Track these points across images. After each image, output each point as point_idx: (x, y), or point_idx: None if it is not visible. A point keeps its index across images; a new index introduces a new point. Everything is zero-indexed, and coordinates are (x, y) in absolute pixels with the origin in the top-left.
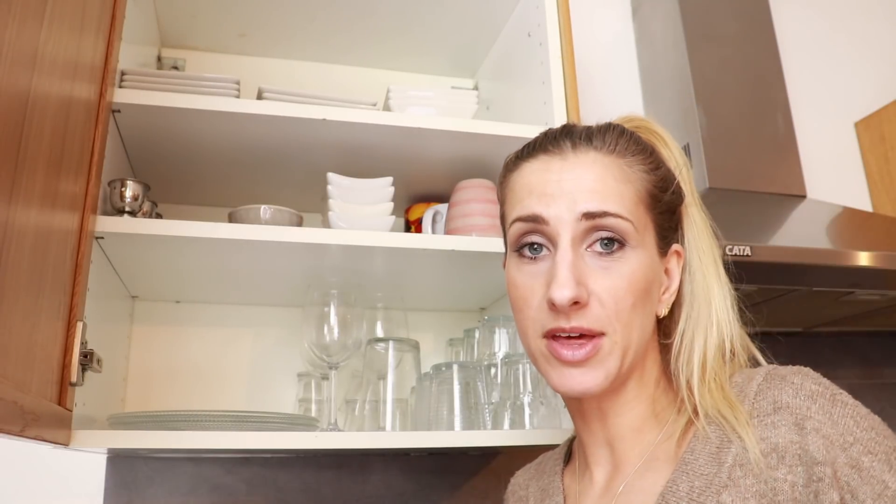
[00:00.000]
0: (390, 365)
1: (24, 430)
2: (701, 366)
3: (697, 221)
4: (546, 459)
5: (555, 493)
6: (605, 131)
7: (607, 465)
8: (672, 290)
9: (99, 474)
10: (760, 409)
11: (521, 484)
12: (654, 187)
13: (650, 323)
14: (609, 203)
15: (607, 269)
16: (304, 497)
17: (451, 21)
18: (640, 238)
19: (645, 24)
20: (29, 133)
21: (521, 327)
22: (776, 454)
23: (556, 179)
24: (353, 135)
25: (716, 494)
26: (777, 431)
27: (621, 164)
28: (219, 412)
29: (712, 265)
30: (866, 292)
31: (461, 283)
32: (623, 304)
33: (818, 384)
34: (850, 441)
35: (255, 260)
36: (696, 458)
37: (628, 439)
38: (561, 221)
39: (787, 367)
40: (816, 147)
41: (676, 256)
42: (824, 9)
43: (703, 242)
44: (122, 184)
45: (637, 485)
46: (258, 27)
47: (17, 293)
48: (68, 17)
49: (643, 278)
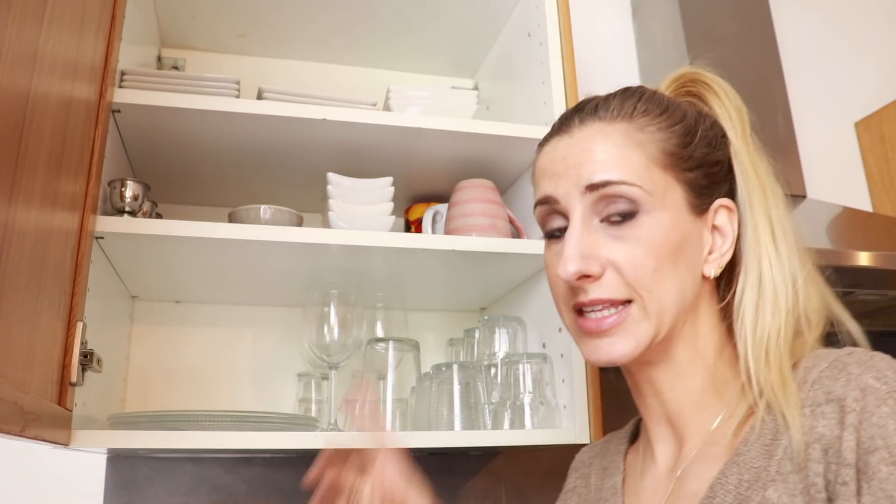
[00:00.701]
0: (390, 365)
1: (24, 430)
2: (755, 335)
3: (748, 171)
4: (612, 437)
5: (615, 472)
6: (614, 97)
7: (669, 443)
8: (723, 249)
9: (99, 474)
10: (814, 398)
11: (585, 461)
12: (671, 145)
13: (691, 286)
14: (612, 171)
15: (620, 237)
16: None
17: (451, 21)
18: (656, 200)
19: (645, 24)
20: (29, 133)
21: (557, 306)
22: (820, 446)
23: (563, 157)
24: (353, 135)
25: (762, 489)
26: (825, 423)
27: (629, 128)
28: (219, 412)
29: (764, 221)
30: (866, 292)
31: (461, 283)
32: (643, 271)
33: (879, 378)
34: (878, 446)
35: (255, 260)
36: (749, 449)
37: (687, 415)
38: (569, 198)
39: (861, 352)
40: (816, 147)
41: (727, 211)
42: (824, 9)
43: (753, 196)
44: (122, 184)
45: (694, 470)
46: (258, 27)
47: (17, 293)
48: (68, 17)
49: (665, 241)
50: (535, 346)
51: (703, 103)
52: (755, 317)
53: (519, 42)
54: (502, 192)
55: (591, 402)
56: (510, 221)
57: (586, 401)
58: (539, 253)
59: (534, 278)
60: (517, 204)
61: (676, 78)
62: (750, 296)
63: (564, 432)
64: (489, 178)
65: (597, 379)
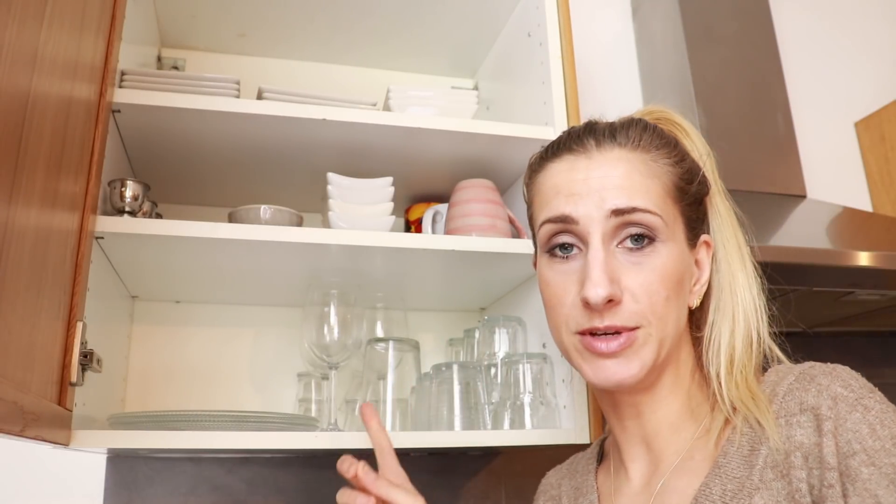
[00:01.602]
0: (390, 365)
1: (24, 430)
2: (728, 358)
3: (721, 211)
4: (578, 459)
5: (589, 492)
6: (629, 127)
7: (643, 463)
8: (703, 281)
9: (99, 474)
10: (787, 409)
11: (553, 483)
12: (679, 179)
13: (683, 315)
14: (637, 199)
15: (639, 264)
16: (304, 497)
17: (451, 21)
18: (669, 231)
19: (645, 24)
20: (29, 133)
21: (554, 324)
22: (800, 453)
23: (583, 178)
24: (353, 135)
25: (748, 497)
26: (802, 431)
27: (646, 158)
28: (219, 412)
29: (737, 254)
30: (866, 292)
31: (461, 283)
32: (656, 298)
33: (846, 387)
34: (856, 449)
35: (255, 260)
36: (729, 461)
37: (664, 436)
38: (590, 220)
39: (823, 365)
40: (816, 147)
41: (706, 247)
42: (824, 9)
43: (727, 232)
44: (122, 184)
45: (674, 484)
46: (258, 27)
47: (17, 293)
48: (68, 17)
49: (675, 271)
50: (535, 346)
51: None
52: (729, 343)
53: (519, 42)
54: (502, 192)
55: (591, 402)
56: (510, 221)
57: (586, 401)
58: None
59: (534, 278)
60: (517, 204)
61: (646, 114)
62: (725, 324)
63: (564, 432)
64: (489, 178)
65: None
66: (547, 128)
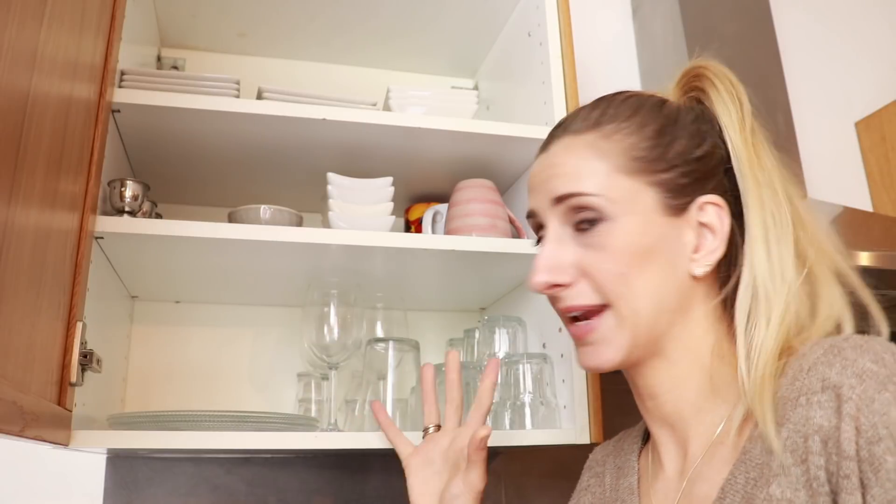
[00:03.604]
0: (390, 365)
1: (24, 431)
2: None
3: (745, 167)
4: (625, 436)
5: (630, 473)
6: (587, 108)
7: (672, 447)
8: (711, 247)
9: (99, 474)
10: (809, 387)
11: (599, 460)
12: (640, 149)
13: (672, 287)
14: (574, 184)
15: (588, 244)
16: (304, 497)
17: (451, 21)
18: (621, 207)
19: (645, 24)
20: (29, 133)
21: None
22: (819, 437)
23: (538, 171)
24: (352, 135)
25: (766, 485)
26: (822, 413)
27: (594, 137)
28: (219, 412)
29: (757, 220)
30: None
31: (461, 283)
32: (610, 275)
33: (877, 362)
34: (882, 435)
35: (255, 260)
36: (754, 445)
37: (686, 416)
38: (543, 211)
39: (858, 337)
40: (816, 147)
41: (715, 208)
42: (824, 9)
43: (748, 192)
44: (121, 184)
45: (705, 472)
46: (258, 27)
47: (17, 293)
48: (68, 17)
49: (634, 245)
50: (535, 346)
51: (705, 96)
52: (747, 323)
53: (519, 42)
54: (502, 192)
55: (591, 402)
56: (510, 221)
57: (586, 401)
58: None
59: None
60: (517, 204)
61: (684, 73)
62: (743, 301)
63: (564, 432)
64: (489, 178)
65: (597, 379)
66: (547, 128)
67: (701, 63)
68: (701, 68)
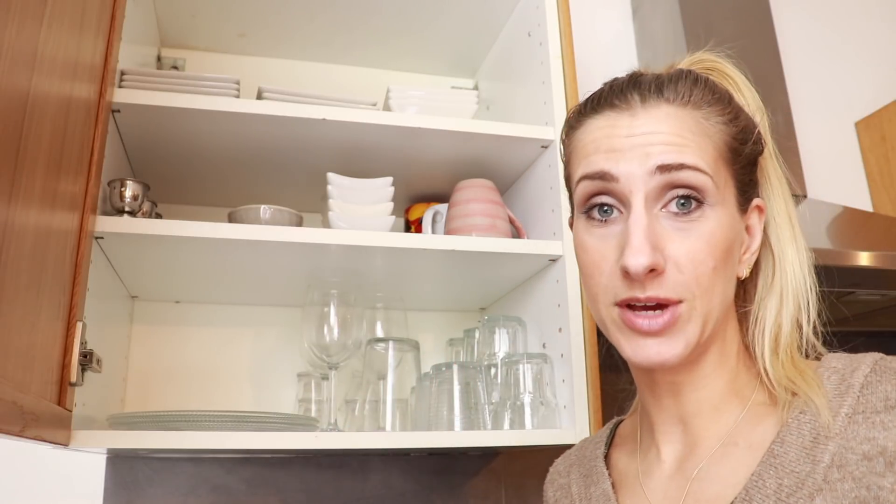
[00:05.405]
0: (390, 365)
1: (24, 431)
2: (773, 337)
3: (772, 176)
4: (586, 444)
5: (600, 479)
6: (678, 80)
7: (679, 444)
8: (753, 249)
9: (99, 474)
10: (869, 405)
11: (562, 471)
12: (733, 139)
13: (731, 287)
14: (686, 155)
15: (685, 230)
16: (304, 497)
17: (452, 21)
18: (720, 195)
19: (645, 24)
20: (29, 133)
21: (591, 294)
22: (884, 459)
23: (626, 134)
24: (352, 135)
25: (808, 498)
26: (888, 434)
27: (697, 116)
28: (219, 412)
29: (787, 223)
30: (866, 292)
31: (461, 283)
32: (703, 269)
33: None
34: None
35: (255, 260)
36: (787, 450)
37: (704, 417)
38: (632, 178)
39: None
40: (816, 147)
41: (758, 212)
42: (824, 9)
43: (778, 199)
44: (121, 184)
45: (714, 471)
46: (258, 27)
47: (17, 293)
48: (68, 17)
49: (724, 239)
50: (535, 346)
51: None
52: (775, 321)
53: (519, 42)
54: (502, 192)
55: (591, 402)
56: (510, 221)
57: (586, 401)
58: (538, 253)
59: (534, 278)
60: (517, 204)
61: (696, 62)
62: (773, 301)
63: (564, 432)
64: (489, 178)
65: (597, 379)
66: (547, 128)
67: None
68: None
